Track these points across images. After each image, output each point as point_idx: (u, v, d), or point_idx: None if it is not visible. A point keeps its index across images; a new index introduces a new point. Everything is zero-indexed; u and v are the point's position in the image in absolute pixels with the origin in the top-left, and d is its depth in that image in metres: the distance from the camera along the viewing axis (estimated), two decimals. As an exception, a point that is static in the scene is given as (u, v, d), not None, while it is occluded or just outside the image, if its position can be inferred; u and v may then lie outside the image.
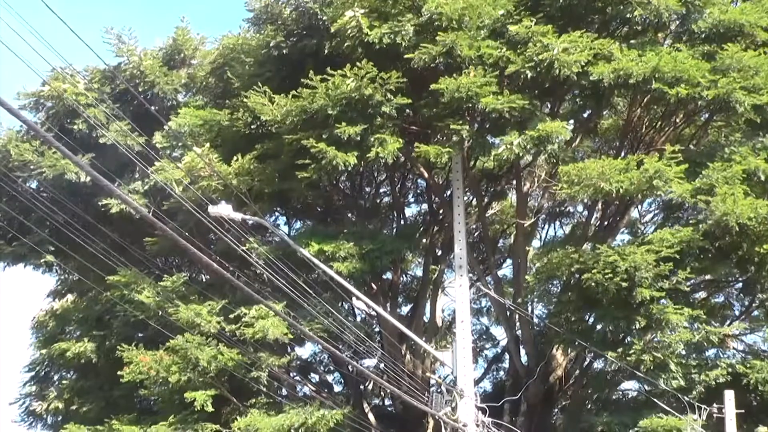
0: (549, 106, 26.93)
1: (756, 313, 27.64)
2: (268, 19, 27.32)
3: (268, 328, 26.11)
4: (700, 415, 26.19)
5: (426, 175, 29.24)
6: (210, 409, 26.97)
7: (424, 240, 30.77)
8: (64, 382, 32.41)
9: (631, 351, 26.17)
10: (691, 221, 26.17)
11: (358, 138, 25.18)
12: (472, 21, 25.00)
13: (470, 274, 27.00)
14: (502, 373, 33.00)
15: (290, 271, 24.44)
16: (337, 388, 32.34)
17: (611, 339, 27.00)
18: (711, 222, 25.32)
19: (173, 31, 30.52)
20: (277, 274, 23.99)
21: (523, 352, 31.60)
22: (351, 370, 30.92)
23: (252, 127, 26.50)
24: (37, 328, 32.71)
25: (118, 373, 27.56)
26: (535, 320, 30.76)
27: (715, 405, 25.93)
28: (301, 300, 24.82)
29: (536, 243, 31.70)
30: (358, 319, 29.26)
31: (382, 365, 29.60)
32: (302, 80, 25.45)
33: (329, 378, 33.21)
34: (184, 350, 26.71)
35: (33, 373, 33.23)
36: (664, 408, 26.42)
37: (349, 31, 25.09)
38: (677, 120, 28.46)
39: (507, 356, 33.06)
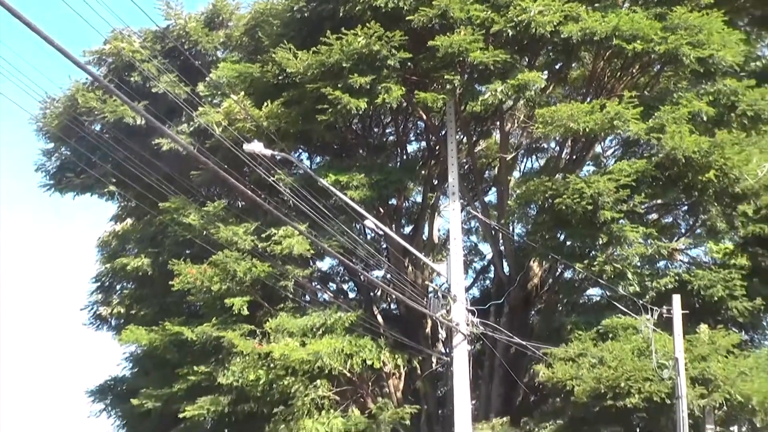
0: (527, 59, 27.00)
1: (699, 231, 27.68)
2: (292, -13, 27.37)
3: (294, 245, 26.33)
4: (652, 315, 26.22)
5: (424, 117, 29.32)
6: (245, 312, 27.27)
7: (422, 172, 30.83)
8: (124, 291, 32.65)
9: (595, 263, 26.36)
10: (645, 155, 26.29)
11: (368, 86, 25.44)
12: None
13: (461, 200, 27.05)
14: (487, 281, 33.16)
15: (311, 197, 24.52)
16: (351, 295, 32.47)
17: (578, 253, 27.16)
18: (662, 155, 25.52)
19: (213, -1, 30.79)
20: (301, 200, 24.09)
21: (505, 264, 31.75)
22: (362, 279, 30.93)
23: (279, 78, 26.57)
24: (102, 246, 32.86)
25: (170, 283, 27.82)
26: (515, 237, 30.85)
27: (664, 307, 25.89)
28: (320, 222, 24.92)
29: (516, 174, 31.69)
30: (369, 237, 29.26)
31: (388, 275, 29.73)
32: (321, 38, 25.61)
33: (344, 286, 33.38)
34: (224, 264, 26.96)
35: (98, 284, 33.44)
36: (623, 310, 26.54)
37: (359, -3, 25.36)
38: (634, 71, 28.53)
39: (492, 268, 33.16)
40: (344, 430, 26.90)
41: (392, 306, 31.71)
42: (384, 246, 29.63)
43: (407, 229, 30.99)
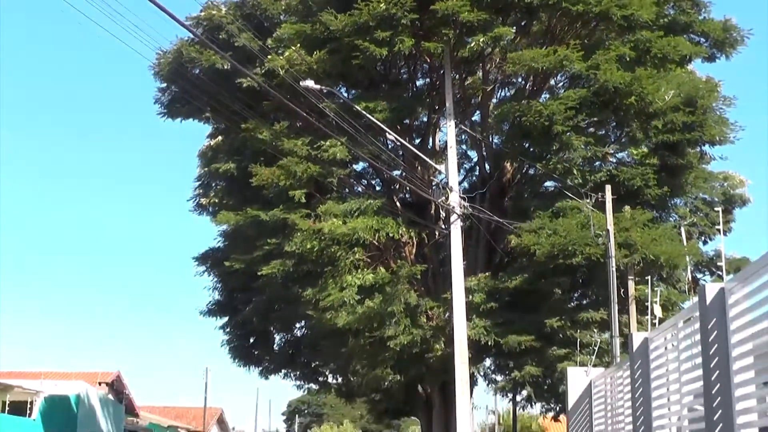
0: (501, 18, 27.19)
1: (623, 140, 28.05)
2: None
3: (336, 152, 26.95)
4: (590, 200, 26.95)
5: (428, 60, 29.78)
6: (303, 200, 27.86)
7: (427, 100, 31.17)
8: (217, 187, 33.01)
9: (550, 162, 27.06)
10: (585, 86, 26.53)
11: (388, 39, 25.99)
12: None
13: (455, 120, 27.57)
14: (474, 177, 33.40)
15: (348, 118, 25.44)
16: (377, 188, 32.87)
17: (538, 155, 27.76)
18: (597, 86, 25.99)
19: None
20: (341, 121, 25.04)
21: (486, 165, 32.39)
22: (385, 176, 31.65)
23: (324, 34, 26.88)
24: (201, 156, 33.21)
25: (250, 180, 28.44)
26: (494, 146, 31.24)
27: (599, 194, 26.57)
28: (355, 135, 25.80)
29: (494, 100, 31.97)
30: (389, 146, 29.74)
31: (403, 173, 30.49)
32: (353, 4, 26.16)
33: (372, 182, 33.78)
34: (288, 166, 27.59)
35: (199, 182, 33.95)
36: (570, 196, 27.14)
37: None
38: (577, 26, 28.69)
39: (477, 168, 33.55)
40: (373, 282, 27.75)
41: (407, 195, 32.29)
42: (400, 153, 30.15)
43: (417, 141, 31.46)
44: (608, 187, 26.15)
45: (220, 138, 32.18)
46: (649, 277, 25.44)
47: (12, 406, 41.68)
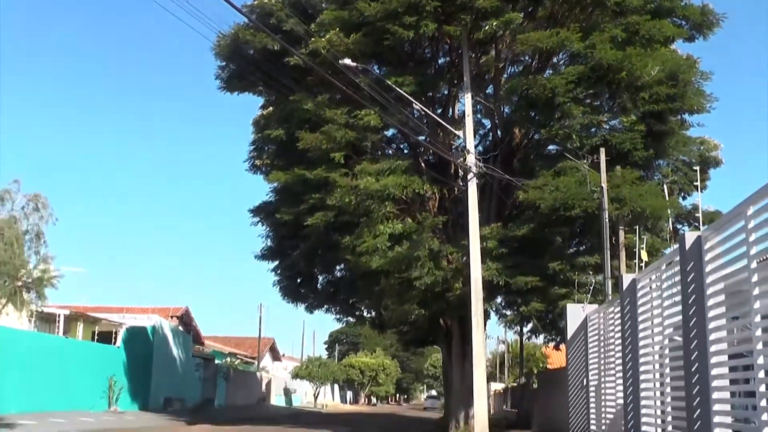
0: (511, 5, 27.00)
1: (616, 109, 27.81)
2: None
3: (370, 120, 27.03)
4: (587, 160, 26.93)
5: (449, 42, 29.66)
6: (342, 161, 28.09)
7: (448, 75, 31.09)
8: (269, 150, 33.17)
9: (553, 129, 26.96)
10: (583, 63, 26.36)
11: (414, 23, 25.91)
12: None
13: (471, 92, 27.48)
14: (488, 141, 33.32)
15: (381, 91, 25.40)
16: (405, 151, 32.89)
17: (543, 123, 27.68)
18: (593, 63, 25.78)
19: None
20: (374, 93, 24.99)
21: (498, 131, 32.37)
22: (412, 140, 31.69)
23: (359, 19, 26.83)
24: (255, 124, 33.26)
25: (297, 144, 28.58)
26: (504, 114, 31.15)
27: (595, 155, 26.54)
28: (386, 106, 25.77)
29: (505, 76, 31.80)
30: (415, 115, 29.71)
31: (427, 138, 30.47)
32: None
33: (401, 146, 33.78)
34: (328, 132, 27.77)
35: (254, 146, 34.16)
36: (569, 158, 27.07)
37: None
38: (577, 11, 28.48)
39: (490, 133, 33.48)
40: (402, 231, 27.93)
41: (430, 157, 32.30)
42: (425, 121, 30.13)
43: (438, 111, 31.37)
44: (602, 150, 26.03)
45: (271, 108, 32.19)
46: (637, 227, 25.44)
47: (100, 335, 42.53)
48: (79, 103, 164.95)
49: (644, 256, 23.90)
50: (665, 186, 27.87)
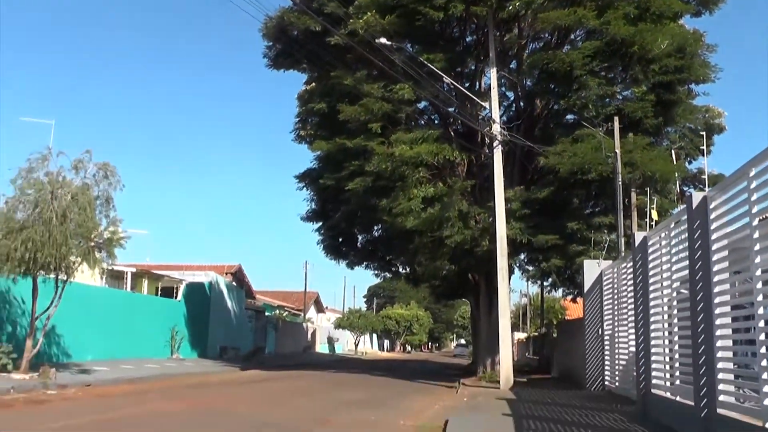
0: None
1: (628, 80, 27.59)
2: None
3: (405, 93, 27.03)
4: (602, 128, 26.80)
5: (475, 21, 29.38)
6: (379, 131, 28.07)
7: (474, 52, 30.81)
8: (312, 121, 33.20)
9: (571, 99, 26.81)
10: (599, 38, 26.13)
11: (443, 4, 25.89)
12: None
13: (496, 67, 27.27)
14: (511, 112, 33.03)
15: (414, 67, 25.33)
16: (436, 122, 32.70)
17: (562, 94, 27.51)
18: (608, 38, 25.65)
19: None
20: (408, 69, 24.94)
21: (521, 102, 32.19)
22: (443, 111, 31.59)
23: (393, 1, 26.62)
24: (299, 98, 33.29)
25: (338, 116, 28.59)
26: (527, 87, 30.91)
27: (609, 124, 26.44)
28: (419, 80, 25.71)
29: (527, 52, 31.41)
30: (445, 88, 29.56)
31: (456, 109, 30.35)
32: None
33: (432, 117, 33.61)
34: (366, 104, 27.80)
35: (298, 118, 34.24)
36: (586, 126, 26.99)
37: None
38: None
39: (514, 104, 33.24)
40: (433, 194, 28.03)
41: (459, 126, 32.15)
42: (454, 94, 29.97)
43: (466, 84, 31.11)
44: (616, 118, 26.11)
45: (314, 84, 32.18)
46: (647, 189, 25.45)
47: (162, 290, 43.27)
48: (144, 78, 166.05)
49: (654, 215, 23.93)
50: (673, 151, 27.86)
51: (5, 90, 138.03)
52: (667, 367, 12.42)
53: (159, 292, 43.18)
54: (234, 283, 54.54)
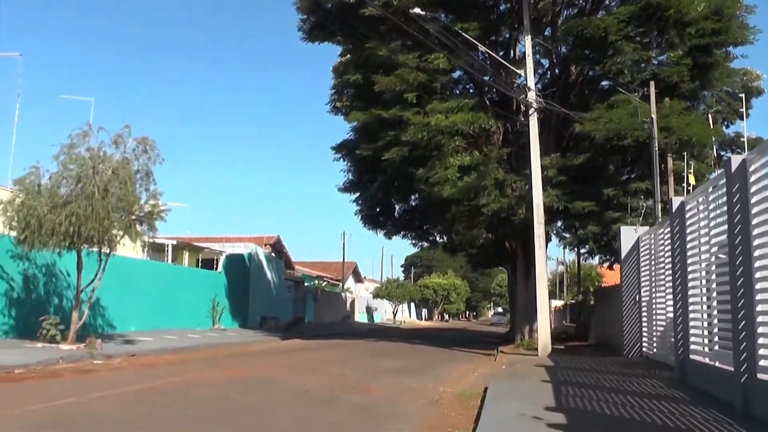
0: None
1: (664, 45, 27.25)
2: None
3: (439, 63, 26.92)
4: (638, 93, 26.50)
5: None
6: (414, 101, 28.01)
7: (509, 20, 30.56)
8: (348, 93, 33.10)
9: (606, 65, 26.52)
10: (634, 2, 25.74)
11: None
12: None
13: (531, 35, 26.95)
14: (546, 79, 32.51)
15: (449, 36, 25.12)
16: (471, 90, 32.46)
17: (597, 59, 27.19)
18: (643, 2, 25.36)
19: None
20: (442, 38, 24.77)
21: (556, 69, 31.86)
22: (478, 80, 31.41)
23: None
24: (334, 70, 33.22)
25: (373, 87, 28.55)
26: (561, 54, 30.51)
27: (645, 89, 26.13)
28: (453, 49, 25.51)
29: (561, 18, 30.97)
30: (480, 57, 29.31)
31: (491, 78, 30.09)
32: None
33: (467, 86, 33.38)
34: (402, 75, 27.67)
35: (334, 90, 34.09)
36: (622, 91, 26.72)
37: None
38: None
39: (548, 72, 32.83)
40: (470, 162, 27.91)
41: (494, 95, 31.91)
42: (488, 62, 29.69)
43: (501, 53, 30.82)
44: (652, 83, 25.78)
45: (348, 56, 32.07)
46: (684, 154, 25.17)
47: (203, 262, 43.76)
48: (187, 52, 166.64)
49: (691, 180, 23.66)
50: (710, 115, 27.52)
51: (47, 70, 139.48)
52: (706, 332, 12.33)
53: (199, 264, 43.63)
54: (273, 255, 54.94)
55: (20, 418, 9.02)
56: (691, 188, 22.94)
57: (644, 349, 20.61)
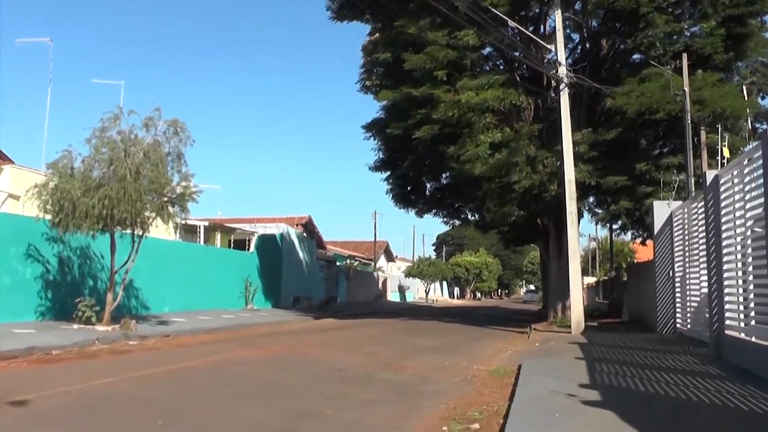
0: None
1: (696, 16, 26.90)
2: None
3: (469, 40, 26.83)
4: (670, 66, 26.27)
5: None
6: (444, 79, 28.02)
7: None
8: (377, 72, 33.01)
9: (638, 38, 26.31)
10: None
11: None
12: None
13: (561, 9, 26.67)
14: (577, 54, 32.09)
15: (479, 11, 24.98)
16: (501, 67, 32.25)
17: (628, 33, 26.92)
18: (675, -25, 25.03)
19: None
20: (472, 14, 24.65)
21: (587, 44, 31.54)
22: (508, 56, 31.25)
23: None
24: (364, 49, 33.10)
25: (403, 65, 28.45)
26: (592, 28, 30.23)
27: (677, 61, 25.95)
28: (484, 25, 25.41)
29: None
30: (510, 33, 29.12)
31: (521, 54, 29.87)
32: None
33: (497, 62, 33.19)
34: (431, 53, 27.59)
35: (363, 69, 33.98)
36: (653, 64, 26.53)
37: None
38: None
39: (579, 46, 32.47)
40: (501, 139, 27.89)
41: (524, 71, 31.68)
42: (518, 38, 29.45)
43: (531, 28, 30.56)
44: (684, 56, 25.41)
45: (377, 35, 31.97)
46: (718, 127, 24.90)
47: (235, 243, 44.15)
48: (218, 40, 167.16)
49: (726, 153, 23.44)
50: (744, 87, 27.15)
51: (78, 55, 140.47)
52: (742, 307, 12.26)
53: (231, 245, 43.95)
54: (305, 234, 55.20)
55: (59, 398, 9.21)
56: (725, 161, 22.69)
57: (678, 325, 20.52)
